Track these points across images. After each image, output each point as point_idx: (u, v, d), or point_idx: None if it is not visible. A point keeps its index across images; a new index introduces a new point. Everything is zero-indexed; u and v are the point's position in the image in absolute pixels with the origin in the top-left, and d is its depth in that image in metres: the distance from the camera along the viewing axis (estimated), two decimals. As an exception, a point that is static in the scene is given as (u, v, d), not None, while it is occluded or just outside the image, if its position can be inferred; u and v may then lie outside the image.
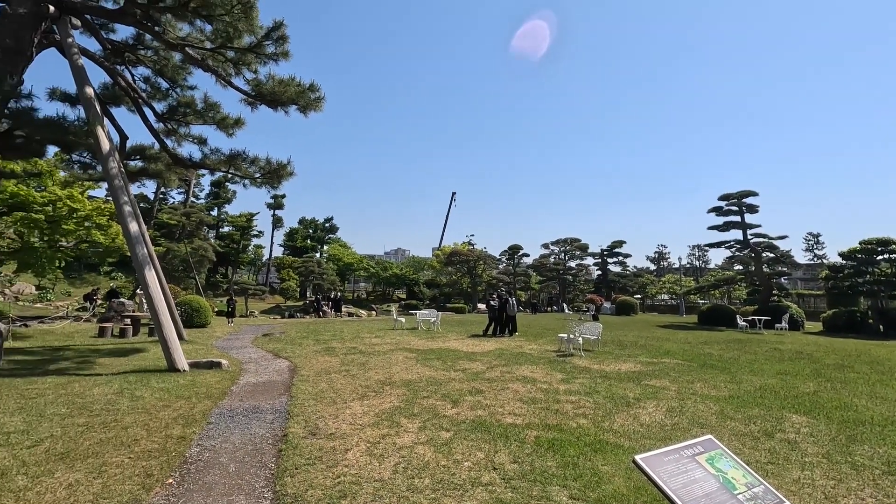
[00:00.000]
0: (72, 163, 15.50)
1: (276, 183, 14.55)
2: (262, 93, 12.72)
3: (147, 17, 11.84)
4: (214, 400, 7.67)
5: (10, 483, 4.34)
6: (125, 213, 10.69)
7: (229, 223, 58.29)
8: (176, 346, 10.26)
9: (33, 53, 11.90)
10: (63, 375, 9.23)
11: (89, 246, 26.92)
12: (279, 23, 11.54)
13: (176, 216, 39.52)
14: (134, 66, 15.14)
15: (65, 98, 14.03)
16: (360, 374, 9.96)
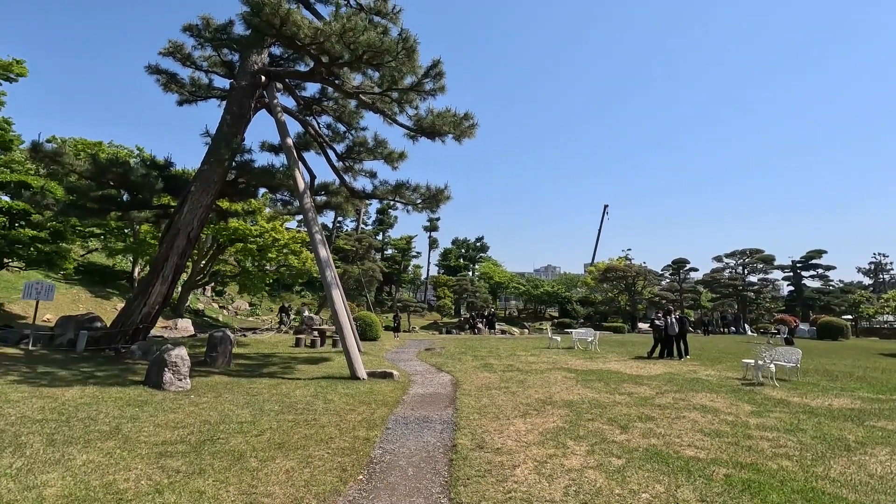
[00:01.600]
0: (275, 201, 18.76)
1: (435, 207, 15.63)
2: (423, 126, 13.89)
3: (329, 73, 13.93)
4: (390, 407, 8.43)
5: (247, 464, 5.35)
6: (317, 241, 12.57)
7: (392, 246, 64.11)
8: (357, 357, 11.58)
9: (251, 116, 14.87)
10: (273, 378, 11.08)
11: (286, 269, 32.08)
12: (436, 61, 12.57)
13: (350, 242, 44.85)
14: (319, 115, 17.86)
15: (270, 148, 17.15)
16: (519, 391, 10.00)
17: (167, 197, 16.62)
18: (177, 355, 9.32)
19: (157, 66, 15.36)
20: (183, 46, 15.15)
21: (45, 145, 13.58)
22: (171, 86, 15.59)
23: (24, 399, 7.57)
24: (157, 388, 8.98)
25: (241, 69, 14.82)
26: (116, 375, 10.11)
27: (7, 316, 16.77)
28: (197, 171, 14.76)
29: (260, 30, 12.16)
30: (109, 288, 25.44)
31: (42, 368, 10.28)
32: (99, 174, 14.24)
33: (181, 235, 13.78)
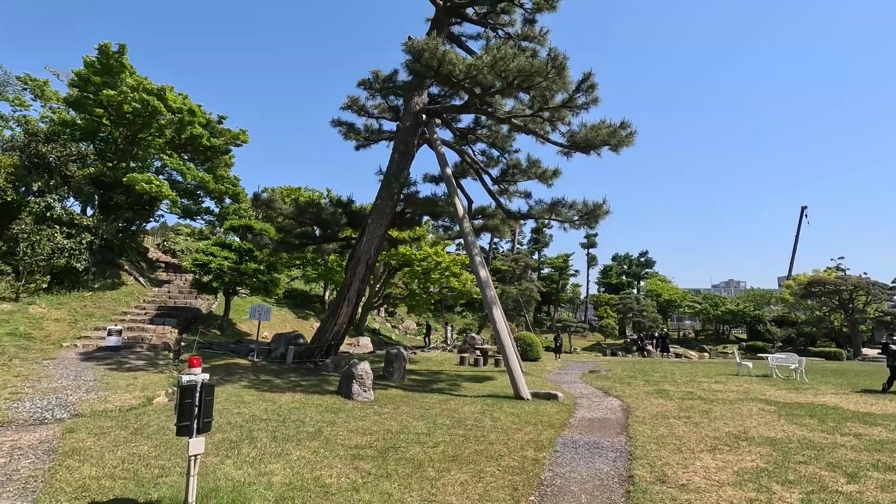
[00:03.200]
0: (437, 227, 20.13)
1: (594, 223, 15.08)
2: (576, 141, 13.65)
3: (482, 102, 14.64)
4: (556, 430, 8.25)
5: (425, 473, 5.76)
6: (476, 263, 13.13)
7: (548, 265, 63.20)
8: (520, 377, 11.64)
9: (414, 152, 16.37)
10: (442, 394, 11.74)
11: (448, 290, 33.88)
12: (587, 74, 12.32)
13: (507, 262, 45.56)
14: (474, 143, 18.80)
15: (432, 179, 18.55)
16: (704, 422, 8.90)
17: (349, 230, 19.09)
18: (362, 369, 10.52)
19: (339, 120, 18.00)
20: (358, 99, 17.51)
21: (262, 195, 16.87)
22: (350, 134, 18.07)
23: (253, 401, 9.32)
24: (347, 397, 10.23)
25: (405, 111, 16.47)
26: (316, 385, 11.81)
27: (238, 333, 20.93)
28: (372, 205, 16.72)
29: (420, 74, 13.43)
30: (307, 310, 29.99)
31: (263, 377, 12.53)
32: (299, 215, 17.12)
33: (361, 263, 15.68)
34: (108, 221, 20.92)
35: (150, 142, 22.40)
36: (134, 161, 22.93)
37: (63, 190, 19.45)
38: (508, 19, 17.33)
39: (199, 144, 23.07)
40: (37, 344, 12.93)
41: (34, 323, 14.23)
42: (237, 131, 24.66)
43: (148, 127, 21.32)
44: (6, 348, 11.90)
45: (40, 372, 10.48)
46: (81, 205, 22.24)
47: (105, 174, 20.89)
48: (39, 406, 8.00)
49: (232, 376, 11.93)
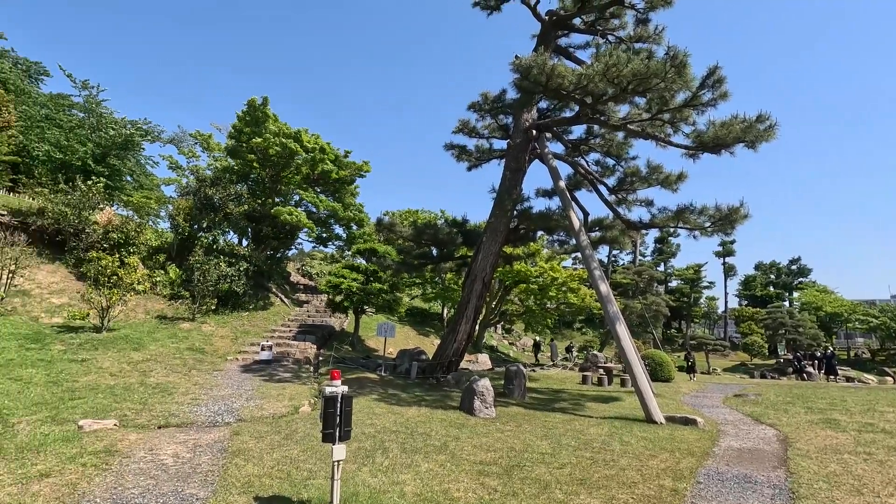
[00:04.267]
0: (552, 241, 19.76)
1: (729, 229, 13.61)
2: (704, 141, 12.54)
3: (594, 111, 14.19)
4: (698, 458, 7.49)
5: (553, 494, 5.62)
6: (596, 277, 12.60)
7: (676, 276, 58.09)
8: (651, 398, 10.82)
9: (526, 168, 16.37)
10: (565, 413, 11.35)
11: (566, 306, 32.81)
12: (713, 68, 11.31)
13: (628, 275, 42.87)
14: (587, 154, 18.23)
15: (545, 194, 18.34)
16: (892, 461, 7.42)
17: (464, 249, 19.60)
18: (483, 386, 10.63)
19: (451, 143, 18.76)
20: (468, 122, 18.10)
21: (384, 219, 18.13)
22: (462, 156, 18.70)
23: (383, 414, 9.91)
24: (469, 413, 10.39)
25: (515, 129, 16.61)
26: (439, 400, 12.17)
27: (367, 349, 22.48)
28: (486, 223, 17.00)
29: (528, 90, 13.49)
30: (427, 327, 31.18)
31: (391, 390, 13.26)
32: (417, 236, 18.04)
33: (478, 280, 15.96)
34: (259, 250, 24.03)
35: (290, 178, 25.40)
36: (277, 196, 26.16)
37: (224, 225, 22.87)
38: (619, 23, 16.69)
39: (329, 178, 25.60)
40: (208, 357, 15.20)
41: (206, 339, 16.77)
42: (361, 163, 26.91)
43: (288, 166, 24.23)
44: (186, 361, 14.19)
45: (212, 381, 12.29)
46: (238, 237, 25.89)
47: (256, 209, 24.13)
48: (212, 411, 9.38)
49: (363, 389, 12.81)
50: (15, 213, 17.81)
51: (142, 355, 13.66)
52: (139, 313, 17.64)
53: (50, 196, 18.47)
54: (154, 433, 7.66)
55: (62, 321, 15.22)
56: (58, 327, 14.68)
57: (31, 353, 12.33)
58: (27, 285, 16.35)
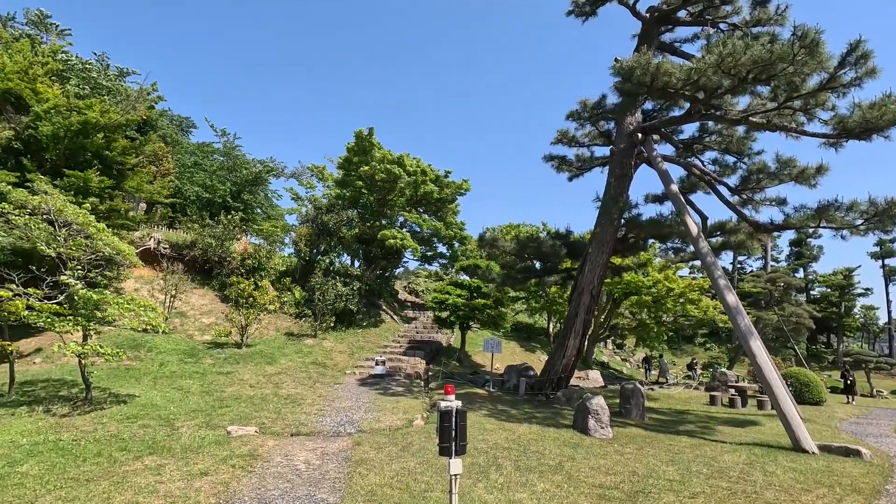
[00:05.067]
0: (666, 249, 18.40)
1: (889, 226, 11.60)
2: (848, 127, 10.91)
3: (708, 107, 13.08)
4: (866, 497, 6.38)
5: (685, 525, 5.13)
6: (721, 287, 11.44)
7: (821, 283, 50.64)
8: (798, 424, 9.48)
9: (632, 174, 15.54)
10: (693, 437, 10.35)
11: (685, 319, 30.19)
12: (855, 42, 9.84)
13: (759, 283, 38.27)
14: (701, 153, 16.81)
15: (655, 199, 17.20)
16: None
17: (569, 261, 19.01)
18: (597, 404, 10.12)
19: (550, 155, 18.46)
20: (567, 132, 17.69)
21: (486, 235, 18.27)
22: (563, 166, 18.29)
23: (494, 430, 9.86)
24: (583, 432, 9.94)
25: (618, 134, 15.88)
26: (550, 418, 11.81)
27: (474, 364, 22.62)
28: (591, 234, 16.37)
29: (631, 92, 12.86)
30: (533, 342, 30.57)
31: (500, 406, 13.16)
32: (520, 250, 17.90)
33: (585, 293, 15.35)
34: (370, 270, 25.55)
35: (395, 201, 26.79)
36: (384, 219, 27.70)
37: (339, 248, 24.73)
38: (731, 9, 15.32)
39: (430, 198, 26.55)
40: (329, 371, 16.39)
41: (326, 354, 18.12)
42: (460, 182, 27.54)
43: (392, 190, 25.59)
44: (311, 374, 15.43)
45: (333, 394, 13.21)
46: (351, 258, 27.80)
47: (365, 232, 25.76)
48: (335, 421, 10.06)
49: (472, 405, 12.88)
50: (174, 246, 20.95)
51: (274, 369, 15.14)
52: (270, 330, 19.62)
53: (199, 230, 21.45)
54: (288, 440, 8.41)
55: (211, 338, 17.44)
56: (207, 343, 16.85)
57: (188, 366, 14.28)
58: (184, 307, 19.04)
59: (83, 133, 15.55)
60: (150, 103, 26.72)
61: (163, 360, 14.30)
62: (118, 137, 16.79)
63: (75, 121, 15.29)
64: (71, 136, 15.35)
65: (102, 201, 15.48)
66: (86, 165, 15.64)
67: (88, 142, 15.71)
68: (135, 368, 13.47)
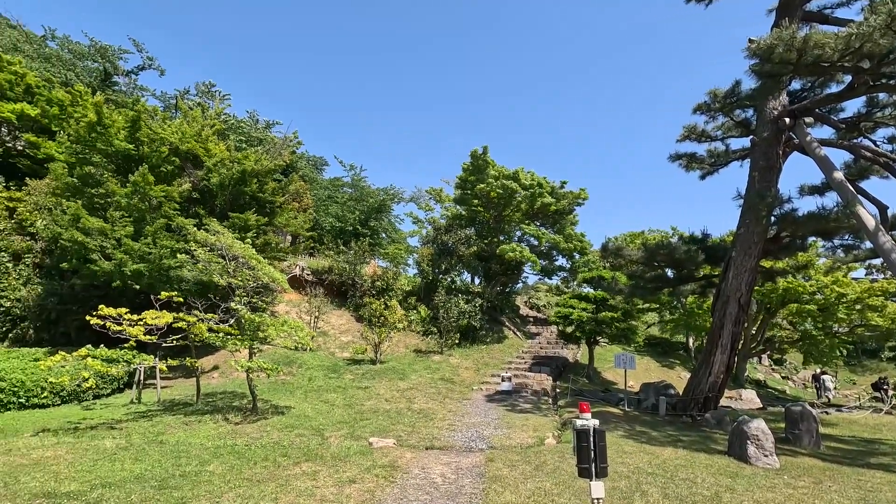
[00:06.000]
0: (832, 248, 15.73)
1: None
2: None
3: (877, 76, 11.05)
4: None
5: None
6: (914, 289, 9.42)
7: None
8: None
9: (780, 164, 13.67)
10: (891, 472, 8.55)
11: (864, 330, 25.37)
12: None
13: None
14: (871, 131, 14.19)
15: (813, 190, 14.89)
16: None
17: (707, 267, 17.19)
18: (757, 428, 8.90)
19: (676, 154, 17.02)
20: (696, 127, 16.19)
21: (609, 244, 17.37)
22: (693, 164, 16.72)
23: (633, 452, 9.18)
24: (741, 460, 8.78)
25: (759, 122, 14.13)
26: (698, 442, 10.65)
27: (604, 381, 21.41)
28: (733, 235, 14.66)
29: (773, 74, 11.37)
30: (671, 357, 28.04)
31: (638, 427, 12.22)
32: (649, 258, 16.65)
33: (731, 302, 13.71)
34: (491, 286, 25.76)
35: (511, 216, 26.82)
36: (501, 234, 27.85)
37: (459, 266, 25.39)
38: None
39: (547, 210, 26.08)
40: (457, 387, 16.73)
41: (453, 370, 18.55)
42: (577, 191, 26.68)
43: (508, 205, 25.69)
44: (440, 390, 15.90)
45: (462, 409, 13.43)
46: (471, 276, 28.31)
47: (484, 249, 26.13)
48: (467, 437, 10.20)
49: (607, 424, 12.15)
50: (315, 272, 23.32)
51: (406, 384, 15.90)
52: (400, 347, 20.71)
53: (334, 256, 23.63)
54: (423, 453, 8.73)
55: (349, 355, 18.95)
56: (347, 360, 18.33)
57: (332, 381, 15.64)
58: (325, 327, 21.00)
59: (242, 180, 18.20)
60: (291, 149, 30.44)
61: (311, 376, 15.87)
62: (269, 181, 19.34)
63: (236, 170, 17.98)
64: (233, 184, 18.07)
65: (258, 236, 17.87)
66: (245, 207, 18.25)
67: (247, 187, 18.34)
68: (289, 382, 15.15)
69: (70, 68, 29.19)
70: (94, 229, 14.69)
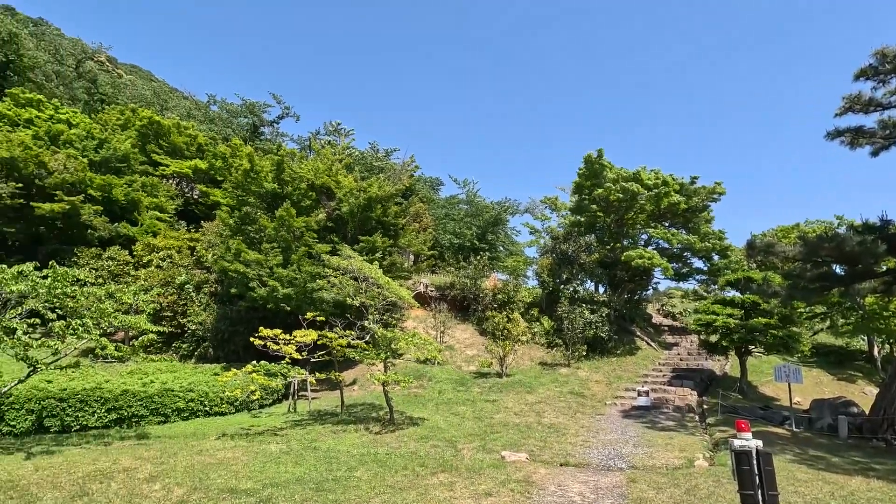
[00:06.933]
0: None
1: None
2: None
3: None
4: None
5: None
6: None
7: None
8: None
9: None
10: None
11: None
12: None
13: None
14: None
15: None
16: None
17: (892, 260, 14.28)
18: None
19: (836, 130, 14.52)
20: (860, 95, 13.69)
21: (755, 241, 15.36)
22: (859, 140, 14.12)
23: (809, 480, 7.86)
24: (967, 498, 7.02)
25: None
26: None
27: (761, 397, 18.76)
28: (925, 219, 12.01)
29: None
30: (848, 369, 23.67)
31: (811, 451, 10.47)
32: (811, 254, 14.33)
33: (929, 301, 11.20)
34: (617, 295, 24.33)
35: (634, 219, 25.14)
36: (625, 239, 26.22)
37: (581, 275, 24.41)
38: None
39: (676, 210, 23.97)
40: (588, 401, 15.97)
41: (582, 384, 17.77)
42: (711, 186, 24.14)
43: (631, 208, 24.14)
44: (570, 404, 15.32)
45: (596, 425, 12.77)
46: (594, 284, 27.01)
47: (606, 256, 24.83)
48: (603, 455, 9.65)
49: (772, 447, 10.60)
50: (438, 288, 24.18)
51: (534, 398, 15.61)
52: (525, 360, 20.45)
53: (454, 272, 24.27)
54: (558, 470, 8.45)
55: (475, 368, 19.20)
56: (473, 373, 18.59)
57: (460, 394, 15.96)
58: (450, 341, 21.58)
59: (368, 207, 19.72)
60: (409, 172, 32.23)
61: (440, 388, 16.39)
62: (391, 205, 20.70)
63: (362, 198, 19.55)
64: (360, 211, 19.66)
65: (384, 258, 19.12)
66: (372, 231, 19.70)
67: (372, 213, 19.83)
68: (420, 395, 15.80)
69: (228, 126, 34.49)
70: (252, 261, 17.00)
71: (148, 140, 28.57)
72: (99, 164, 24.00)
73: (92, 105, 35.61)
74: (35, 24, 53.91)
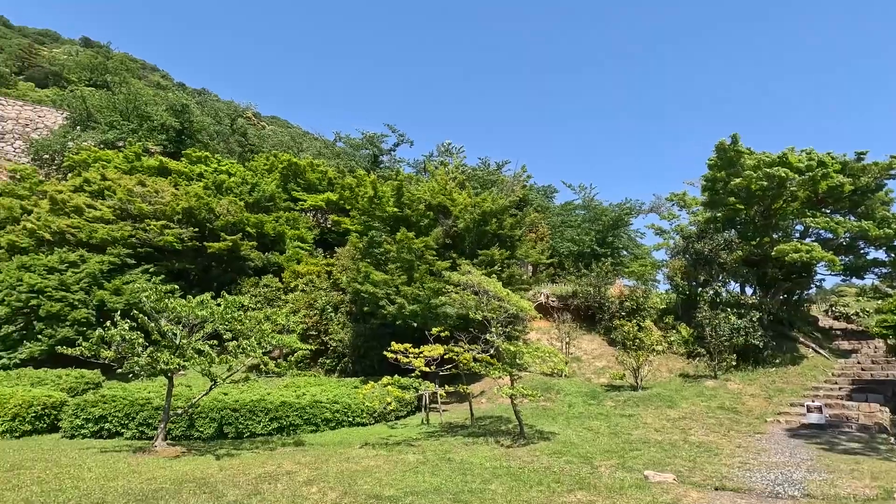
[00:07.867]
0: None
1: None
2: None
3: None
4: None
5: None
6: None
7: None
8: None
9: None
10: None
11: None
12: None
13: None
14: None
15: None
16: None
17: None
18: None
19: None
20: None
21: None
22: None
23: None
24: None
25: None
26: None
27: None
28: None
29: None
30: None
31: None
32: None
33: None
34: (770, 296, 21.39)
35: (785, 209, 21.97)
36: (774, 232, 22.99)
37: (722, 276, 21.91)
38: None
39: (840, 193, 20.45)
40: (743, 417, 14.16)
41: (734, 398, 15.82)
42: (887, 161, 20.18)
43: (779, 196, 21.16)
44: (721, 420, 13.72)
45: (756, 445, 11.25)
46: (740, 285, 24.04)
47: (752, 253, 21.99)
48: (769, 479, 8.45)
49: None
50: (559, 298, 23.51)
51: (676, 413, 14.30)
52: (662, 372, 18.85)
53: (576, 280, 23.40)
54: (713, 494, 7.60)
55: (606, 381, 18.20)
56: (604, 386, 17.64)
57: (592, 408, 15.23)
58: (577, 352, 20.76)
59: (483, 221, 20.02)
60: (522, 183, 32.12)
61: (570, 402, 15.81)
62: (506, 217, 20.75)
63: (477, 213, 19.92)
64: (476, 225, 20.03)
65: (503, 270, 19.16)
66: (488, 244, 19.93)
67: (487, 227, 20.08)
68: (549, 409, 15.40)
69: (352, 158, 37.72)
70: (380, 281, 18.23)
71: (288, 179, 32.46)
72: (252, 204, 27.83)
73: (244, 155, 41.52)
74: (199, 93, 65.31)
